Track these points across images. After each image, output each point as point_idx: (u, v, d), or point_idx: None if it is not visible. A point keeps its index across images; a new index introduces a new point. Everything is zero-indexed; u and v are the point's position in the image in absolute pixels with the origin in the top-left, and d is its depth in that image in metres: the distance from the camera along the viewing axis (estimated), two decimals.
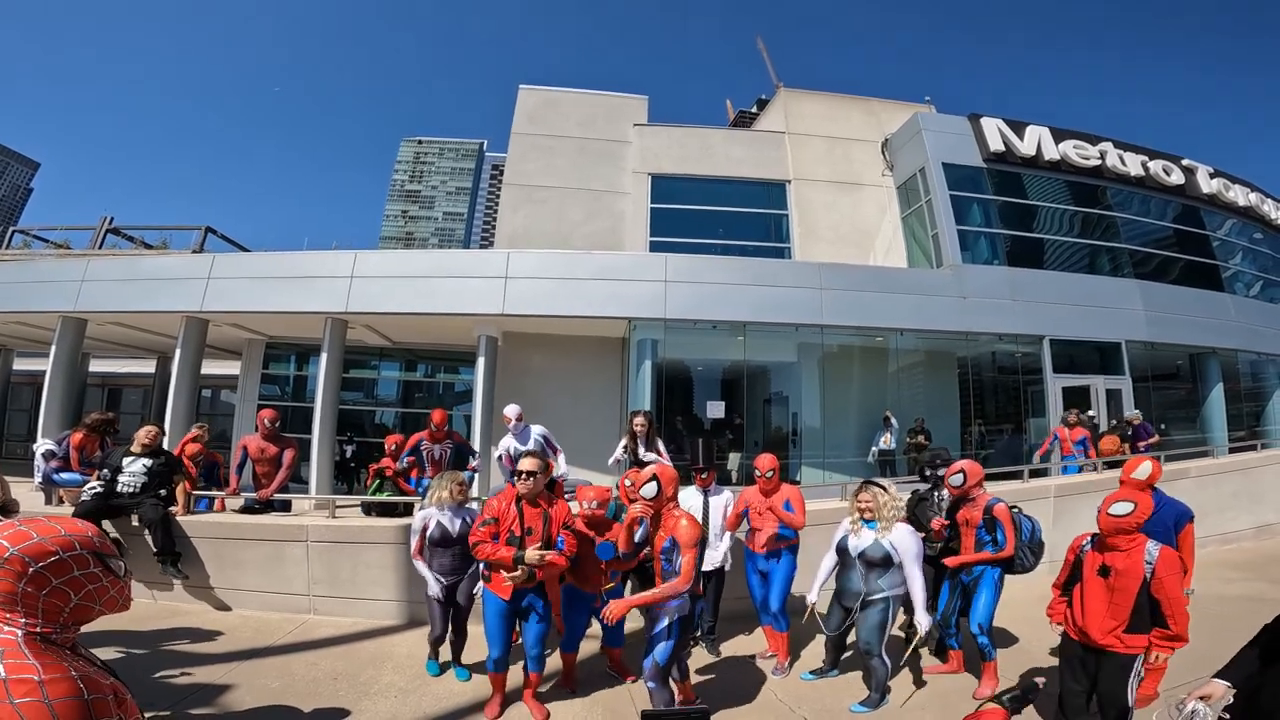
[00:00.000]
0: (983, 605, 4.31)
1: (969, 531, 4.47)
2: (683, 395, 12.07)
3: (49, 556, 1.30)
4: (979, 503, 4.48)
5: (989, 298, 11.31)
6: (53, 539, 1.32)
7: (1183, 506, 4.39)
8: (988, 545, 4.37)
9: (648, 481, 3.63)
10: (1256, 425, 14.52)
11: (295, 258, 10.88)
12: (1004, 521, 4.32)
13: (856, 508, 4.30)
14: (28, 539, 1.30)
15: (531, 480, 3.84)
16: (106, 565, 1.38)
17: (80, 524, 1.41)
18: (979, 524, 4.41)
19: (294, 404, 12.89)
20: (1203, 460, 9.23)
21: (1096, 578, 3.23)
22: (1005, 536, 4.30)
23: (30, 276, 11.31)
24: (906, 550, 4.04)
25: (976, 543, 4.42)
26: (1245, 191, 14.90)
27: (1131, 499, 3.17)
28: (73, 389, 11.11)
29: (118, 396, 18.70)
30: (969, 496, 4.55)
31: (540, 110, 14.30)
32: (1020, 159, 12.65)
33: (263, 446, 6.61)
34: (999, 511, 4.35)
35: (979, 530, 4.41)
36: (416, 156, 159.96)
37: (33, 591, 1.28)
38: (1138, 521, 3.12)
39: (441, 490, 4.45)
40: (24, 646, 1.25)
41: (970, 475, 4.54)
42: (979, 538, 4.41)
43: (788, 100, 15.02)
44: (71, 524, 1.38)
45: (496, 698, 4.00)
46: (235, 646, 4.95)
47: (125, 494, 5.53)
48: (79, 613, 1.36)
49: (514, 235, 13.06)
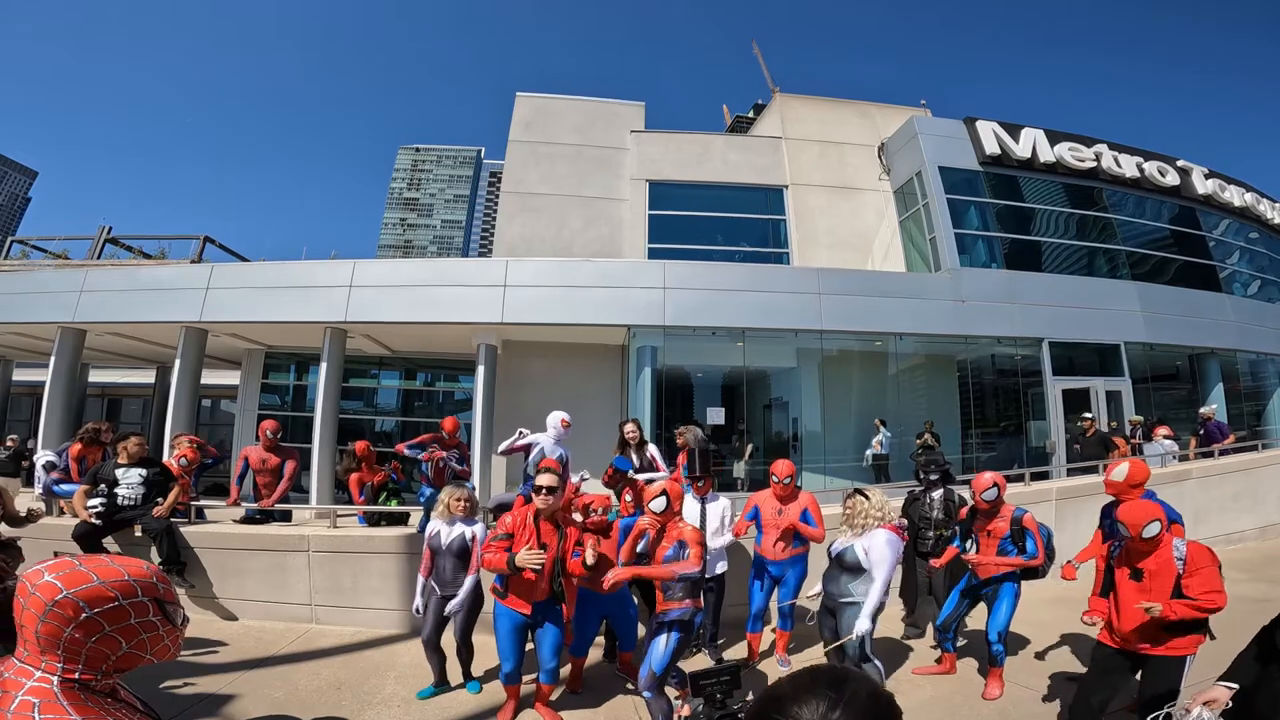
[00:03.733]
0: (1003, 614, 4.35)
1: (991, 542, 4.45)
2: (683, 402, 12.08)
3: (107, 603, 1.18)
4: (1004, 513, 4.46)
5: (987, 301, 11.33)
6: (113, 583, 1.20)
7: (1173, 511, 4.34)
8: (1013, 555, 4.37)
9: (657, 496, 3.77)
10: (1257, 425, 14.52)
11: (294, 267, 10.90)
12: (1034, 531, 4.35)
13: (846, 512, 4.36)
14: (86, 581, 1.18)
15: (551, 496, 3.88)
16: (166, 614, 1.27)
17: (144, 567, 1.29)
18: (1004, 534, 4.40)
19: (294, 413, 12.89)
20: (1204, 461, 9.23)
21: (1130, 582, 3.24)
22: (1036, 546, 4.32)
23: (29, 287, 11.32)
24: (876, 557, 4.02)
25: (999, 553, 4.40)
26: (1241, 191, 14.95)
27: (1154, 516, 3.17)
28: (72, 400, 11.11)
29: (118, 407, 18.71)
30: (995, 508, 4.51)
31: (537, 117, 14.35)
32: (1016, 162, 12.70)
33: (264, 457, 6.62)
34: (1028, 522, 4.38)
35: (1003, 541, 4.39)
36: (414, 164, 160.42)
37: (80, 638, 1.17)
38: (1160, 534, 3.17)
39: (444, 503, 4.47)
40: (61, 697, 1.14)
41: (1002, 487, 4.52)
42: (1002, 548, 4.40)
43: (784, 105, 15.08)
44: (136, 567, 1.27)
45: (510, 705, 4.04)
46: (238, 656, 4.94)
47: (127, 506, 5.53)
48: (126, 660, 1.24)
49: (513, 243, 13.09)
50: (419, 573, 4.48)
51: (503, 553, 3.77)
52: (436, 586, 4.38)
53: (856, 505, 4.23)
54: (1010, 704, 4.23)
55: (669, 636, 3.61)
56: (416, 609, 4.43)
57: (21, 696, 1.13)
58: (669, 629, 3.62)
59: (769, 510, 4.90)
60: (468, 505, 4.48)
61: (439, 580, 4.38)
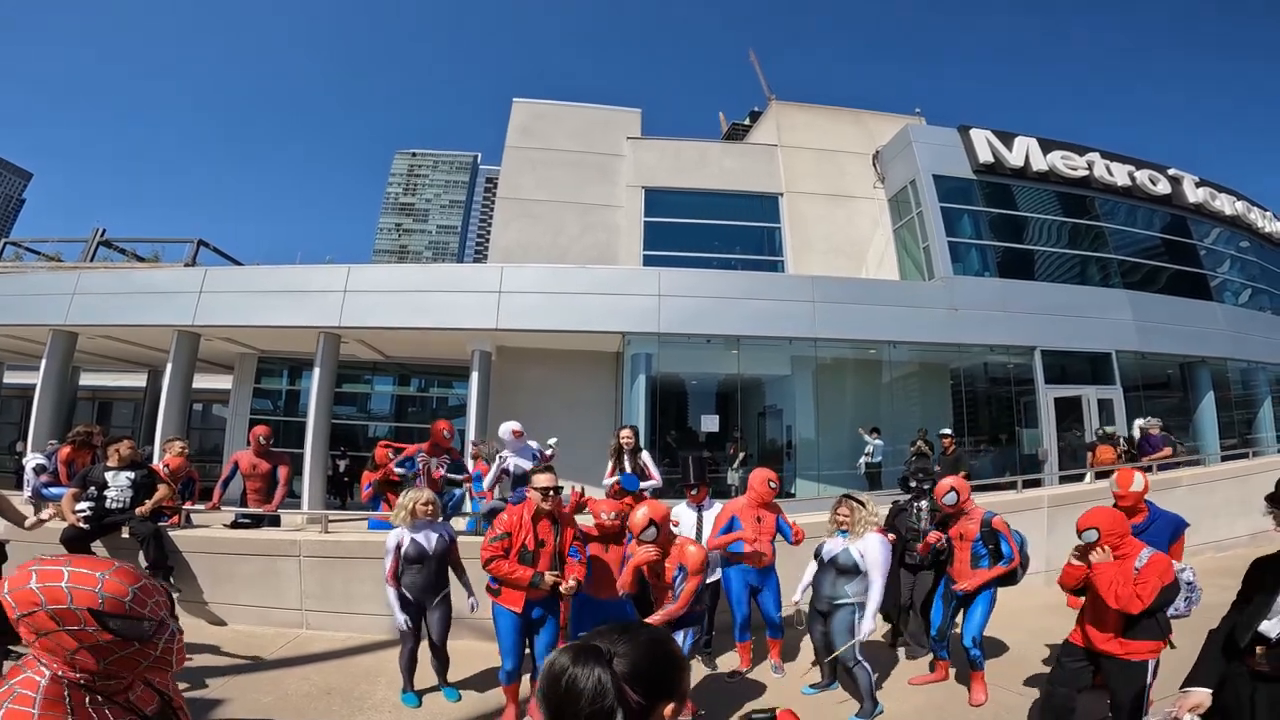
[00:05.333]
0: (978, 619, 4.33)
1: (964, 545, 4.43)
2: (677, 409, 12.09)
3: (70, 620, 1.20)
4: (974, 516, 4.45)
5: (980, 309, 11.39)
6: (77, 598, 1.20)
7: (1177, 517, 4.38)
8: (984, 558, 4.34)
9: (646, 528, 3.73)
10: (1248, 433, 14.62)
11: (288, 271, 10.89)
12: (1005, 533, 4.34)
13: (835, 520, 4.41)
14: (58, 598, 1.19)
15: (557, 495, 3.92)
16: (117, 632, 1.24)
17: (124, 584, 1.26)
18: (975, 537, 4.38)
19: (286, 418, 12.84)
20: (1195, 469, 9.27)
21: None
22: (1010, 547, 4.31)
23: (21, 289, 11.28)
24: (873, 560, 4.14)
25: (973, 556, 4.38)
26: (1231, 200, 15.08)
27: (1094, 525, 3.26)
28: (63, 403, 11.05)
29: (108, 410, 18.59)
30: (964, 510, 4.52)
31: (534, 124, 14.38)
32: (1009, 170, 12.79)
33: (255, 462, 6.55)
34: (999, 524, 4.35)
35: (975, 544, 4.38)
36: (410, 169, 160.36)
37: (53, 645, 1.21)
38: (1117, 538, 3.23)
39: (407, 508, 4.28)
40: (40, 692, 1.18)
41: (962, 491, 4.54)
42: (975, 551, 4.38)
43: (780, 113, 15.17)
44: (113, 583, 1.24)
45: (510, 709, 4.01)
46: (228, 661, 4.90)
47: (115, 509, 5.48)
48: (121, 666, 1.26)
49: (508, 249, 13.09)
50: (386, 582, 4.23)
51: (517, 566, 3.77)
52: (414, 595, 4.24)
53: (855, 511, 4.31)
54: (1003, 709, 4.23)
55: (684, 637, 3.74)
56: (404, 624, 4.19)
57: (14, 683, 1.20)
58: (683, 629, 3.74)
59: (749, 519, 4.87)
60: (433, 508, 4.34)
61: (415, 588, 4.23)
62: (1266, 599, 2.33)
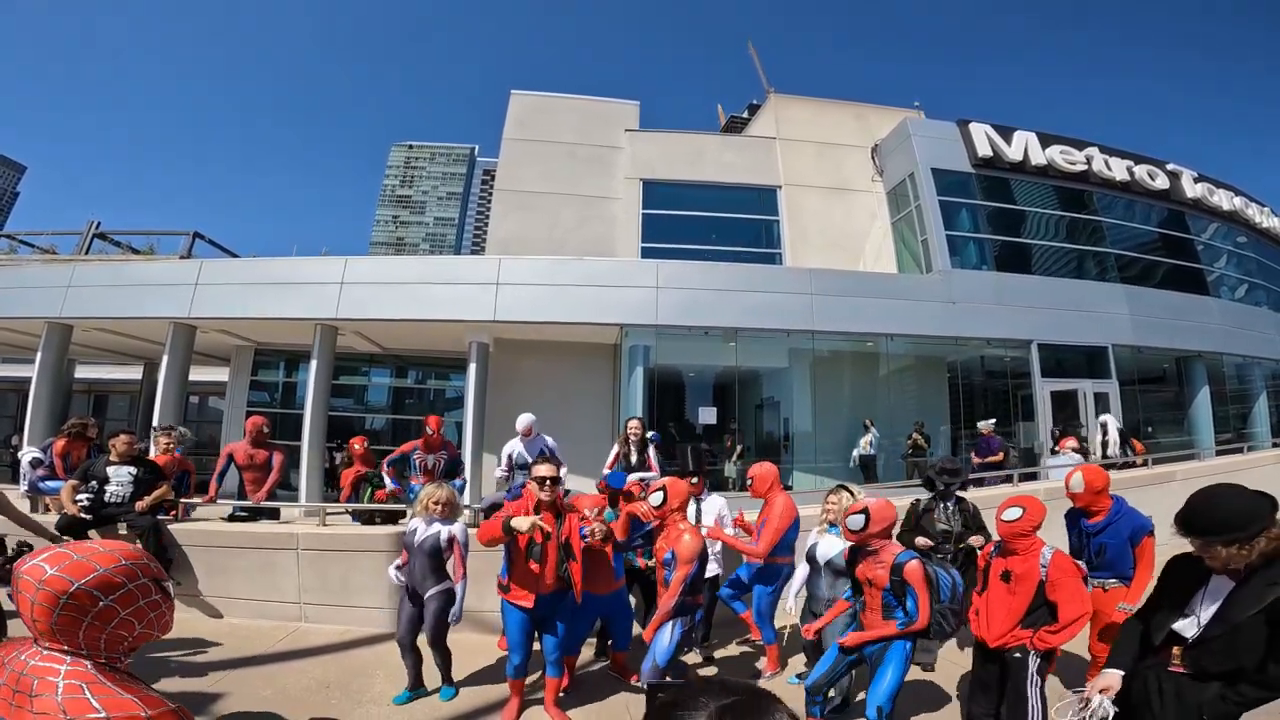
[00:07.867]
0: (886, 684, 3.31)
1: (874, 593, 3.45)
2: (675, 401, 12.10)
3: (117, 589, 1.25)
4: (883, 557, 3.43)
5: (977, 302, 11.41)
6: (116, 569, 1.27)
7: (1142, 519, 4.04)
8: (896, 611, 3.38)
9: (656, 490, 3.98)
10: (1243, 428, 14.68)
11: (284, 263, 10.83)
12: (915, 585, 3.32)
13: (826, 509, 4.42)
14: (90, 571, 1.24)
15: (557, 486, 3.96)
16: (163, 589, 1.35)
17: (131, 548, 1.36)
18: (885, 585, 3.40)
19: (283, 411, 12.82)
20: (1188, 463, 9.31)
21: (1000, 583, 3.31)
22: (917, 605, 3.31)
23: (16, 282, 11.18)
24: None
25: (883, 607, 3.42)
26: (1229, 196, 15.09)
27: (1021, 504, 3.29)
28: (58, 396, 10.99)
29: (104, 403, 18.51)
30: (868, 548, 3.50)
31: (532, 116, 14.30)
32: (1008, 164, 12.78)
33: (251, 453, 6.54)
34: (910, 573, 3.32)
35: (884, 593, 3.40)
36: (407, 161, 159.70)
37: (99, 624, 1.24)
38: (1029, 526, 3.22)
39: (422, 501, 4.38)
40: (102, 679, 1.21)
41: (875, 519, 3.45)
42: (885, 601, 3.41)
43: (778, 106, 15.10)
44: (126, 550, 1.33)
45: (514, 702, 4.03)
46: (225, 655, 4.90)
47: (114, 503, 5.48)
48: (140, 639, 1.31)
49: (505, 241, 13.05)
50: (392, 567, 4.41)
51: (497, 520, 3.79)
52: (409, 584, 4.30)
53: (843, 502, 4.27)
54: None
55: (673, 627, 3.73)
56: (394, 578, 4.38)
57: (65, 682, 1.18)
58: (672, 620, 3.75)
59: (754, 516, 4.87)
60: (445, 509, 4.34)
61: (411, 578, 4.29)
62: (1182, 599, 2.31)
